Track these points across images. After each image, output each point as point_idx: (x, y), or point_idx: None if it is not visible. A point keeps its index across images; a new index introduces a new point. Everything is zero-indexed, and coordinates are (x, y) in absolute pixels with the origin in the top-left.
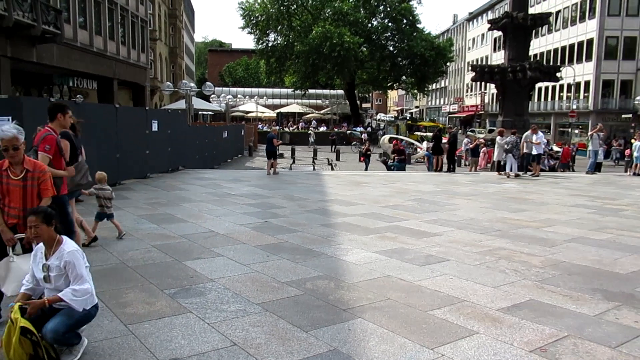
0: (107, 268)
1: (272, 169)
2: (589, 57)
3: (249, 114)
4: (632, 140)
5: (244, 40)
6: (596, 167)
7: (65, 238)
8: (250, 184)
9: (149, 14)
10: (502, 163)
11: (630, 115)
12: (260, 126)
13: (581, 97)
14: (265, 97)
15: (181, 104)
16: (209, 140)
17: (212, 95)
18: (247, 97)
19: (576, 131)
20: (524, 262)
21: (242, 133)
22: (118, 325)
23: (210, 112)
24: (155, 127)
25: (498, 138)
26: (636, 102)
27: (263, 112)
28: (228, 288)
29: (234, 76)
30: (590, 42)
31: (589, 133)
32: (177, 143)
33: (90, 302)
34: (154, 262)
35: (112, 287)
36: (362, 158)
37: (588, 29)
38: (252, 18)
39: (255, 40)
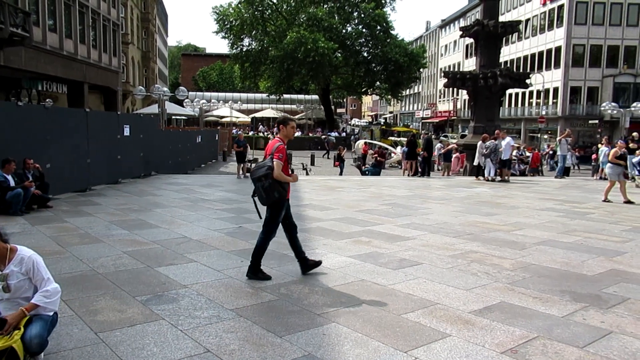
0: (77, 275)
1: (242, 172)
2: (557, 65)
3: (223, 119)
4: (599, 146)
5: (218, 45)
6: (564, 172)
7: (19, 246)
8: (224, 189)
9: (121, 17)
10: (482, 167)
11: (596, 121)
12: (234, 131)
13: (550, 103)
14: (239, 102)
15: (154, 109)
16: (182, 145)
17: (186, 100)
18: (221, 101)
19: (545, 136)
20: (495, 265)
21: (217, 138)
22: (88, 333)
23: (183, 117)
24: (127, 131)
25: (480, 143)
26: (602, 109)
27: (237, 117)
28: (201, 294)
29: (208, 81)
30: (558, 49)
31: (558, 138)
32: (149, 148)
33: (57, 303)
34: (125, 269)
35: (82, 294)
36: (336, 163)
37: (556, 37)
38: (226, 23)
39: (230, 44)
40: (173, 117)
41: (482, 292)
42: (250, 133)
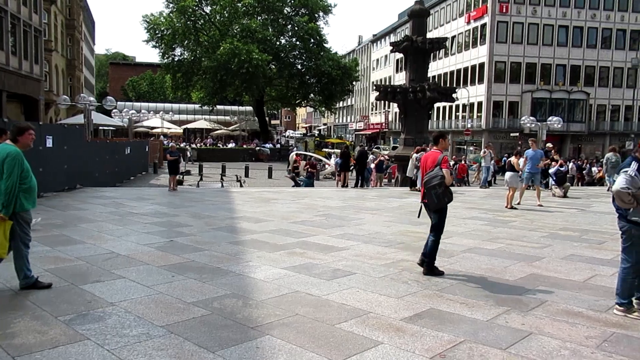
0: None
1: (174, 184)
2: (481, 80)
3: (154, 130)
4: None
5: (149, 54)
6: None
7: None
8: (155, 202)
9: (44, 23)
10: (414, 179)
11: (517, 134)
12: (165, 142)
13: (475, 116)
14: (171, 113)
15: (79, 119)
16: (110, 157)
17: (114, 110)
18: (151, 112)
19: (471, 148)
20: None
21: (147, 149)
22: (4, 358)
23: (111, 128)
24: (49, 143)
25: (414, 155)
26: (522, 122)
27: (169, 128)
28: (130, 311)
29: (137, 90)
30: (482, 66)
31: (482, 151)
32: (74, 160)
33: None
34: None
35: None
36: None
37: (480, 54)
38: (157, 32)
39: (161, 54)
40: (100, 127)
41: (412, 300)
42: (183, 144)
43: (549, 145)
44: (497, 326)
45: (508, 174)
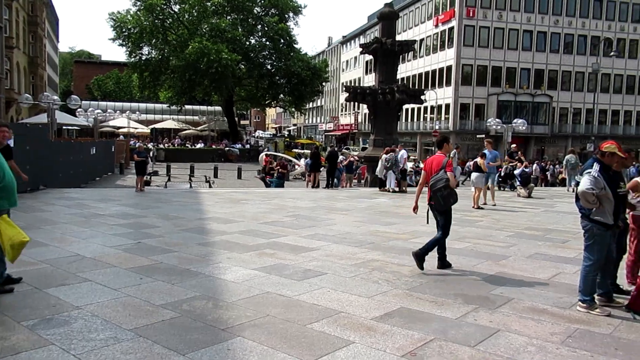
0: None
1: (141, 185)
2: (448, 83)
3: (121, 130)
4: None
5: (115, 52)
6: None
7: None
8: (121, 203)
9: (5, 19)
10: (383, 179)
11: (483, 136)
12: (132, 142)
13: (443, 118)
14: (138, 112)
15: (42, 118)
16: (74, 157)
17: (79, 109)
18: (118, 112)
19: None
20: (395, 272)
21: (113, 149)
22: None
23: (76, 127)
24: (11, 142)
25: (383, 156)
26: (488, 124)
27: (136, 128)
28: (96, 315)
29: (103, 89)
30: (449, 68)
31: (452, 153)
32: (37, 160)
33: None
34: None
35: None
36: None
37: (447, 57)
38: (124, 30)
39: (127, 52)
40: (64, 127)
41: (383, 299)
42: (150, 145)
43: (514, 146)
44: (466, 324)
45: (474, 175)
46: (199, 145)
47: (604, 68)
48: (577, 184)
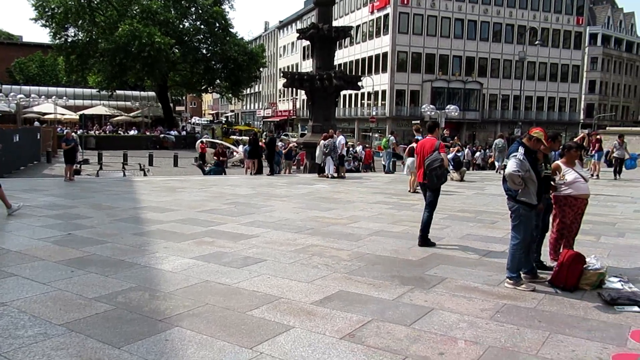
0: None
1: (70, 174)
2: (384, 69)
3: (47, 116)
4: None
5: (38, 33)
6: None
7: None
8: (50, 193)
9: None
10: (322, 165)
11: (418, 122)
12: (60, 129)
13: (379, 104)
14: (65, 98)
15: None
16: None
17: None
18: (43, 97)
19: (376, 135)
20: (334, 256)
21: (39, 137)
22: None
23: None
24: None
25: (321, 142)
26: (422, 110)
27: (63, 114)
28: (24, 311)
29: (26, 73)
30: (385, 55)
31: (386, 138)
32: None
33: None
34: None
35: None
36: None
37: (383, 44)
38: (47, 10)
39: (52, 34)
40: None
41: (322, 283)
42: (80, 131)
43: (446, 132)
44: (402, 304)
45: (409, 160)
46: (132, 132)
47: (529, 56)
48: (505, 167)
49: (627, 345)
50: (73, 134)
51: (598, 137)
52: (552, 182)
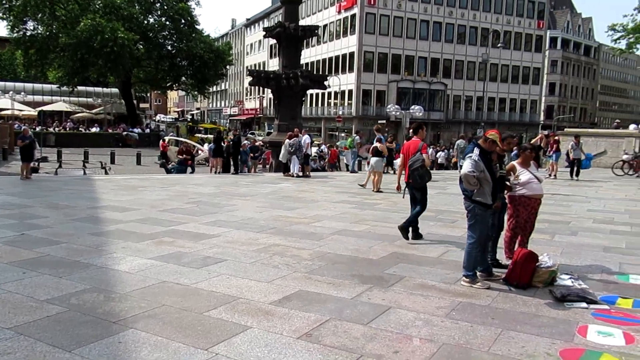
0: None
1: (27, 172)
2: (351, 69)
3: (3, 112)
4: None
5: None
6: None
7: None
8: (4, 191)
9: None
10: (288, 164)
11: (384, 121)
12: (17, 126)
13: (346, 104)
14: (23, 93)
15: None
16: None
17: None
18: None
19: (342, 134)
20: (295, 256)
21: None
22: None
23: None
24: None
25: (286, 141)
26: (388, 110)
27: (21, 110)
28: None
29: None
30: (352, 55)
31: (356, 138)
32: None
33: None
34: None
35: None
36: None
37: (350, 44)
38: (4, 1)
39: (9, 27)
40: None
41: (282, 283)
42: (38, 128)
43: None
44: (360, 303)
45: (373, 159)
46: (94, 130)
47: (492, 58)
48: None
49: (574, 340)
50: (30, 130)
51: (556, 138)
52: (507, 182)
